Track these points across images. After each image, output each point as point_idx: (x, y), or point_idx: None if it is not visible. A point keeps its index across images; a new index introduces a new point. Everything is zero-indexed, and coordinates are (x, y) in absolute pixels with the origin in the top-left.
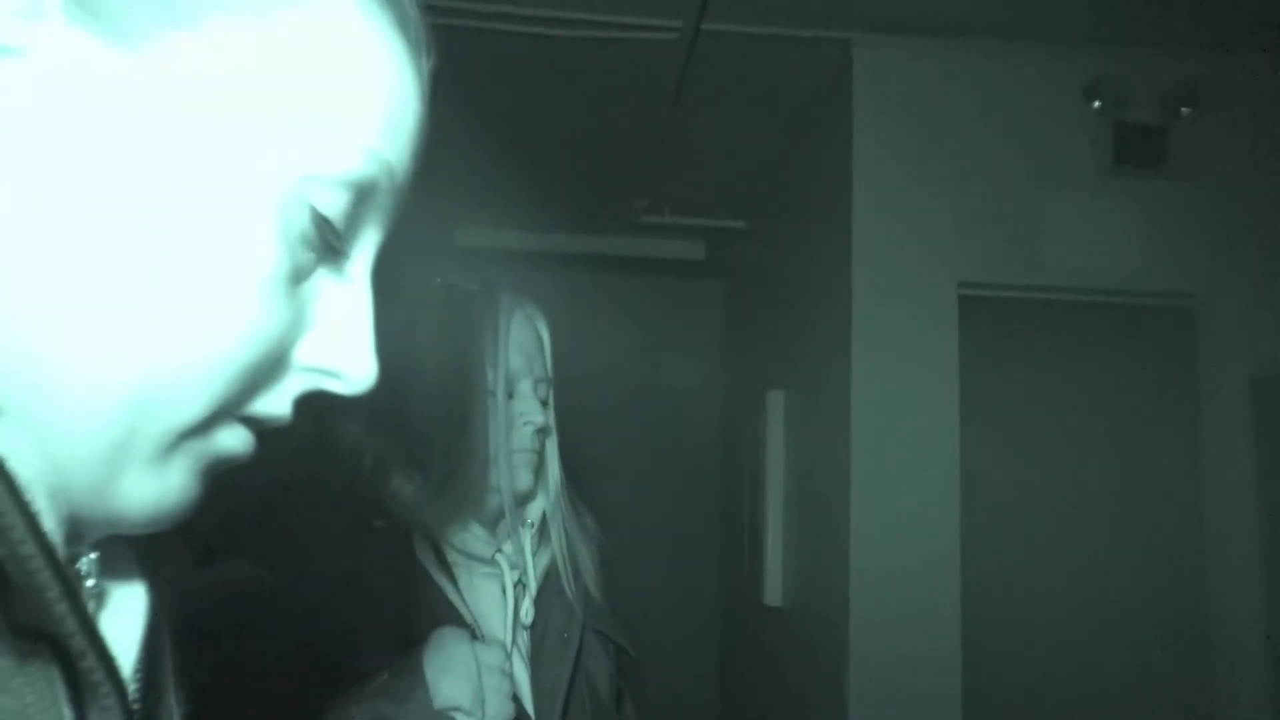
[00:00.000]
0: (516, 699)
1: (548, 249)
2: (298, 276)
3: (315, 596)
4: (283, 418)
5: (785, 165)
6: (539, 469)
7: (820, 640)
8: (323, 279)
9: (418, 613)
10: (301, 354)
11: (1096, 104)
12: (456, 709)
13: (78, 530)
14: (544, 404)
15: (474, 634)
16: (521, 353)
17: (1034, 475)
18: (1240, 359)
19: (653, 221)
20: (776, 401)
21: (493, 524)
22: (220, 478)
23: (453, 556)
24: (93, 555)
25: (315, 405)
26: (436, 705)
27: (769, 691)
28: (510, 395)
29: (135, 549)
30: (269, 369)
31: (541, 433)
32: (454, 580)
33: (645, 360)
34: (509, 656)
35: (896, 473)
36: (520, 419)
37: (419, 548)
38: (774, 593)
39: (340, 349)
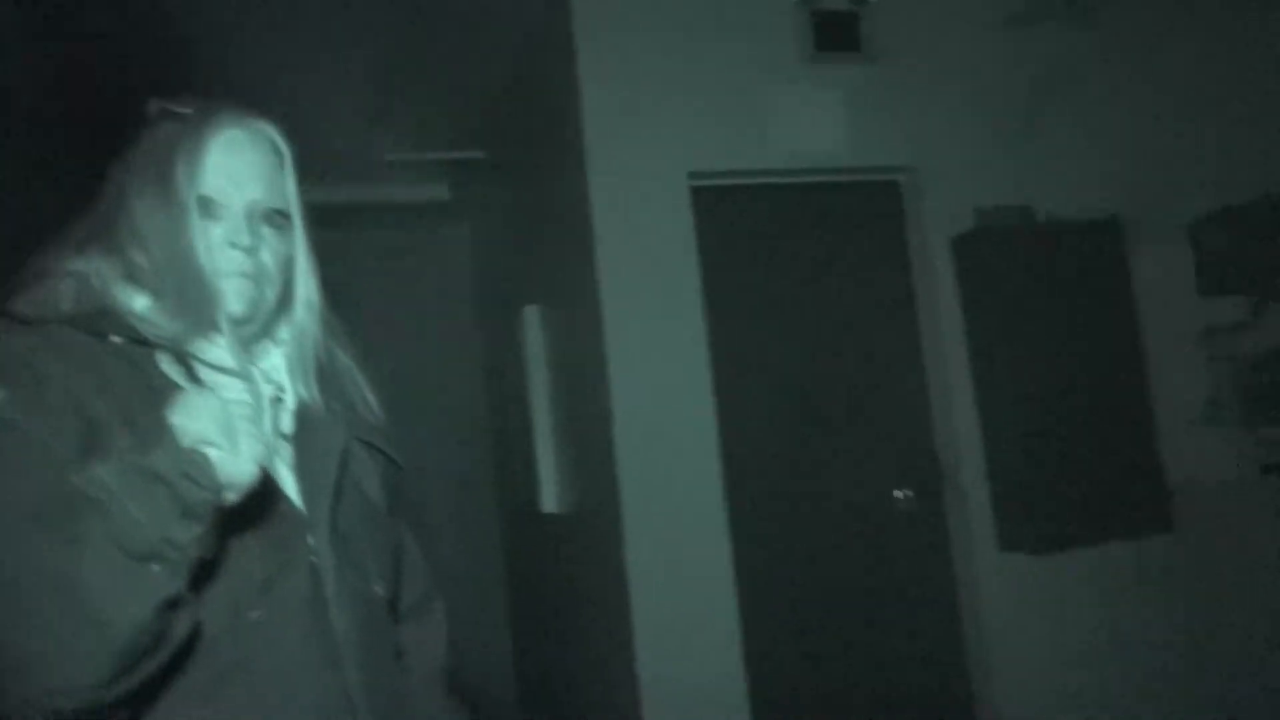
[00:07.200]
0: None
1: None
2: None
3: (52, 412)
4: None
5: (517, 86)
6: (285, 290)
7: (598, 541)
8: None
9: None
10: None
11: None
12: (209, 444)
13: None
14: (277, 229)
15: None
16: (226, 174)
17: (776, 348)
18: (940, 222)
19: (398, 159)
20: (533, 316)
21: (245, 340)
22: None
23: (203, 372)
24: None
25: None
26: (185, 444)
27: (557, 595)
28: (215, 217)
29: None
30: None
31: (259, 254)
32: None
33: (399, 303)
34: (260, 408)
35: (650, 366)
36: (225, 241)
37: (163, 361)
38: (549, 499)
39: None
